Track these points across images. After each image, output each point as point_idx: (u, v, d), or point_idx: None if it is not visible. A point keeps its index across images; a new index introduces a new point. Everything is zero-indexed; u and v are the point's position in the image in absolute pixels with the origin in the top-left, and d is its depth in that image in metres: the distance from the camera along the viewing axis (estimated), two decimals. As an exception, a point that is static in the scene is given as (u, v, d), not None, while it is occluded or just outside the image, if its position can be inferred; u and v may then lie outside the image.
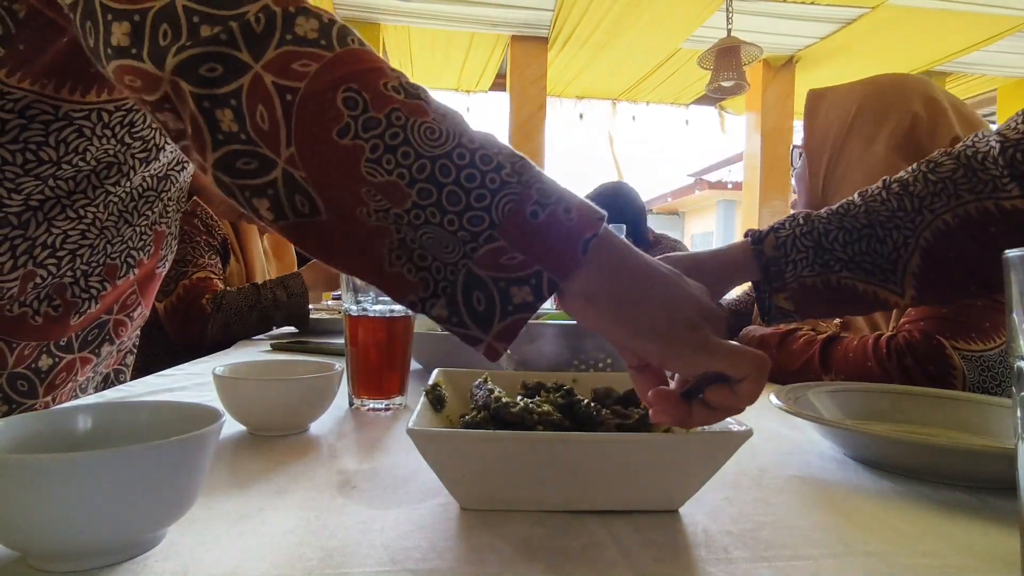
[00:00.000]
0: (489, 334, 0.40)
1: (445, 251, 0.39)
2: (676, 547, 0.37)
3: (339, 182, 0.39)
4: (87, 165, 0.66)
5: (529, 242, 0.39)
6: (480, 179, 0.40)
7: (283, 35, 0.39)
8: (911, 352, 0.80)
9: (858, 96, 1.02)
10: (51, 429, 0.38)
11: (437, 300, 0.40)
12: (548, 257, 0.40)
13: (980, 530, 0.40)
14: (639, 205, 2.39)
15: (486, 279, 0.39)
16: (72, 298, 0.71)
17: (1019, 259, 0.28)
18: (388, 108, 0.39)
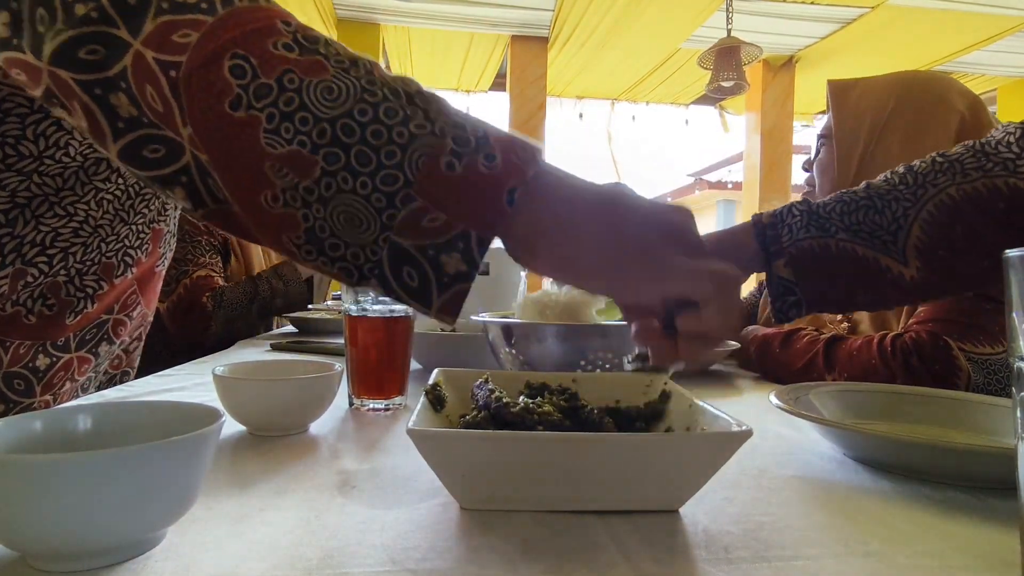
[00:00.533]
0: (432, 310, 0.38)
1: (360, 230, 0.36)
2: (676, 547, 0.37)
3: (243, 158, 0.36)
4: (73, 161, 0.64)
5: (449, 198, 0.36)
6: (387, 135, 0.36)
7: (159, 4, 0.36)
8: (917, 351, 0.80)
9: (894, 91, 1.02)
10: (51, 429, 0.38)
11: (367, 282, 0.38)
12: (470, 214, 0.36)
13: (980, 530, 0.40)
14: None
15: (412, 250, 0.36)
16: (67, 297, 0.70)
17: (1019, 259, 0.28)
18: (279, 71, 0.36)
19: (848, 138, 1.03)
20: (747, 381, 0.98)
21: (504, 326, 0.74)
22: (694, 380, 0.95)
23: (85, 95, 0.36)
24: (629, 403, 0.53)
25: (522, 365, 0.73)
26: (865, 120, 1.02)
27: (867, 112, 1.02)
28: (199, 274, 1.43)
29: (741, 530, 0.39)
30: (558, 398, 0.50)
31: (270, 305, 1.45)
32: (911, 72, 1.10)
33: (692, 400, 0.48)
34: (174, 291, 1.41)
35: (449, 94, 5.50)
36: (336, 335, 1.34)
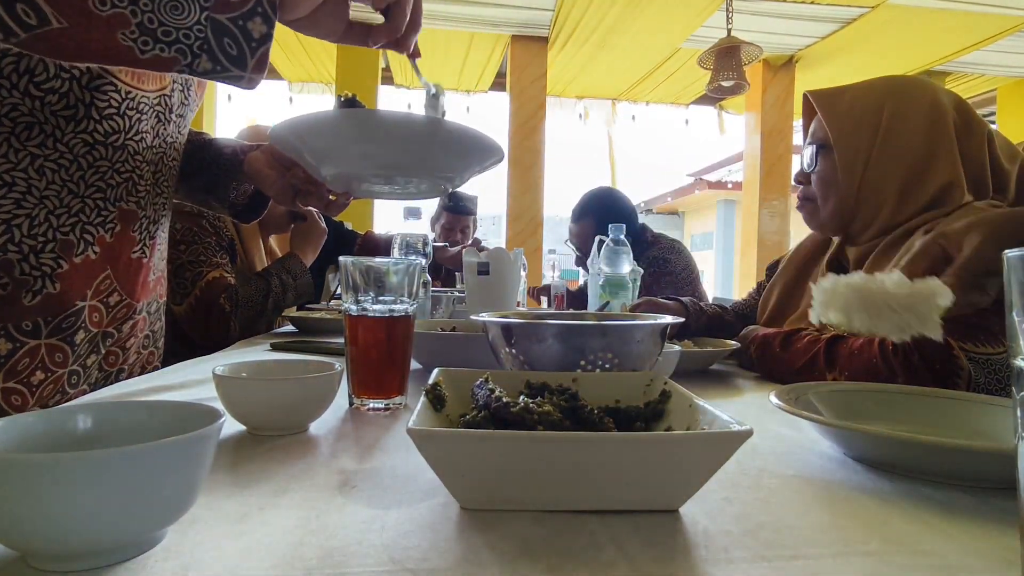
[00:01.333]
0: (247, 70, 0.51)
1: (182, 15, 0.47)
2: (676, 547, 0.37)
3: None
4: (1, 127, 0.65)
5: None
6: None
7: None
8: (918, 351, 0.80)
9: (888, 96, 1.02)
10: (51, 429, 0.38)
11: (199, 58, 0.49)
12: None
13: (980, 530, 0.40)
14: (629, 205, 2.50)
15: (226, 23, 0.48)
16: (21, 276, 0.68)
17: (1019, 259, 0.28)
18: None
19: (850, 146, 1.02)
20: (747, 381, 0.98)
21: (504, 326, 0.74)
22: (694, 380, 0.95)
23: None
24: (629, 403, 0.53)
25: (522, 365, 0.73)
26: (864, 127, 1.01)
27: (865, 119, 1.02)
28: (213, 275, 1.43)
29: (741, 530, 0.39)
30: (558, 398, 0.50)
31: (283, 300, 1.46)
32: (895, 77, 1.09)
33: (692, 400, 0.48)
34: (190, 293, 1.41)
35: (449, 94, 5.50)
36: (336, 335, 1.34)
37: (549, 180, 4.61)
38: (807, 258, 1.20)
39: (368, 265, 0.69)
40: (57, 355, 0.74)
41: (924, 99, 1.01)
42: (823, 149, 1.05)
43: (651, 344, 0.73)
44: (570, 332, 0.71)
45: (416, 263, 0.72)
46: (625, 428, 0.49)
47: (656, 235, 2.44)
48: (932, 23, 4.00)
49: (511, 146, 4.54)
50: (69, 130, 0.69)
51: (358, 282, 0.68)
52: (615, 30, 4.23)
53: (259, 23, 0.51)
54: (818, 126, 1.07)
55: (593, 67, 4.91)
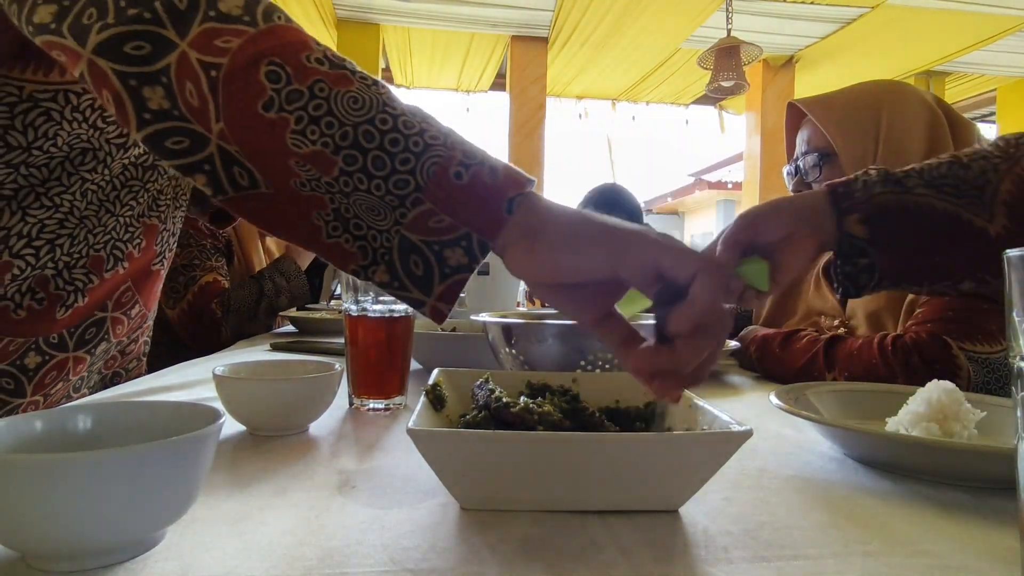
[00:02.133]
0: (431, 296, 0.41)
1: (377, 218, 0.40)
2: (676, 547, 0.37)
3: (269, 154, 0.40)
4: (59, 151, 0.65)
5: (455, 204, 0.40)
6: (404, 143, 0.40)
7: (206, 12, 0.40)
8: (918, 351, 0.80)
9: (882, 101, 1.02)
10: (51, 429, 0.38)
11: (378, 267, 0.41)
12: (474, 218, 0.40)
13: (980, 530, 0.40)
14: (635, 205, 2.42)
15: (419, 243, 0.40)
16: (56, 291, 0.69)
17: (1019, 259, 0.28)
18: (311, 80, 0.40)
19: (854, 153, 1.01)
20: (747, 381, 0.98)
21: (504, 326, 0.74)
22: (694, 380, 0.95)
23: (119, 84, 0.39)
24: (629, 403, 0.53)
25: (522, 365, 0.73)
26: (865, 133, 1.01)
27: (864, 124, 1.02)
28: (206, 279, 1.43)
29: (741, 530, 0.39)
30: (559, 399, 0.50)
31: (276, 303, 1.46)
32: (881, 81, 1.10)
33: (692, 400, 0.48)
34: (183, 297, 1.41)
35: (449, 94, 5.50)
36: (336, 335, 1.34)
37: (549, 180, 4.62)
38: None
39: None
40: (79, 366, 0.76)
41: (917, 102, 1.02)
42: (826, 157, 1.04)
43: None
44: (570, 332, 0.71)
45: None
46: (625, 428, 0.49)
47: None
48: (932, 23, 4.00)
49: (511, 146, 4.54)
50: (118, 156, 0.71)
51: (358, 282, 0.68)
52: (615, 30, 4.23)
53: (459, 254, 0.40)
54: (814, 134, 1.06)
55: (593, 67, 4.91)
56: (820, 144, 1.05)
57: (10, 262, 0.66)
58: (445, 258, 0.40)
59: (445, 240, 0.40)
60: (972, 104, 5.52)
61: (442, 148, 0.41)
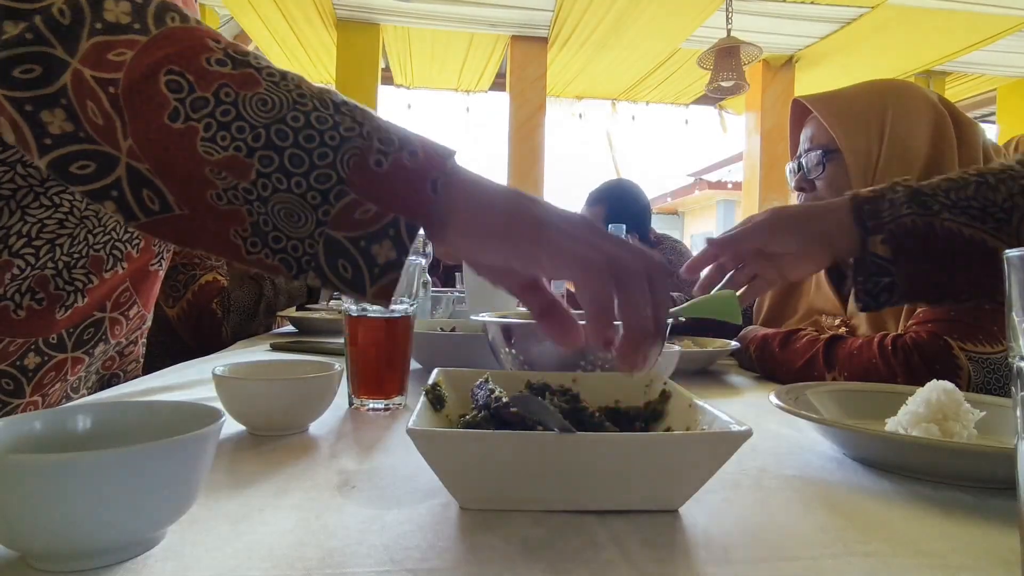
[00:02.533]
0: (366, 297, 0.41)
1: (298, 224, 0.40)
2: (676, 547, 0.37)
3: (181, 166, 0.39)
4: None
5: (379, 191, 0.40)
6: (319, 139, 0.40)
7: (93, 25, 0.39)
8: (918, 351, 0.80)
9: (886, 98, 1.02)
10: (51, 429, 0.38)
11: (306, 274, 0.41)
12: (400, 202, 0.40)
13: (980, 530, 0.40)
14: (644, 203, 2.33)
15: (344, 242, 0.40)
16: (56, 291, 0.69)
17: (1019, 259, 0.28)
18: (215, 85, 0.39)
19: (858, 150, 1.01)
20: (747, 381, 0.98)
21: (504, 326, 0.74)
22: (694, 380, 0.95)
23: (13, 110, 0.38)
24: (629, 403, 0.53)
25: (522, 365, 0.73)
26: (869, 130, 1.01)
27: (869, 122, 1.01)
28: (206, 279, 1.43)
29: (741, 530, 0.39)
30: (559, 399, 0.50)
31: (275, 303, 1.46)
32: (886, 80, 1.10)
33: (692, 400, 0.48)
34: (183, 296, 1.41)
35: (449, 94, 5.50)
36: (336, 335, 1.34)
37: (549, 180, 4.61)
38: None
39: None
40: (77, 366, 0.75)
41: (923, 101, 1.02)
42: (829, 154, 1.04)
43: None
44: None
45: (416, 263, 0.72)
46: (625, 429, 0.49)
47: (660, 236, 2.44)
48: (932, 23, 4.00)
49: (511, 146, 4.54)
50: None
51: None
52: (615, 30, 4.23)
53: (387, 247, 0.40)
54: (818, 131, 1.06)
55: (593, 67, 4.91)
56: (824, 141, 1.04)
57: (10, 261, 0.66)
58: (373, 256, 0.40)
59: (372, 232, 0.40)
60: (972, 104, 5.52)
61: (359, 139, 0.41)
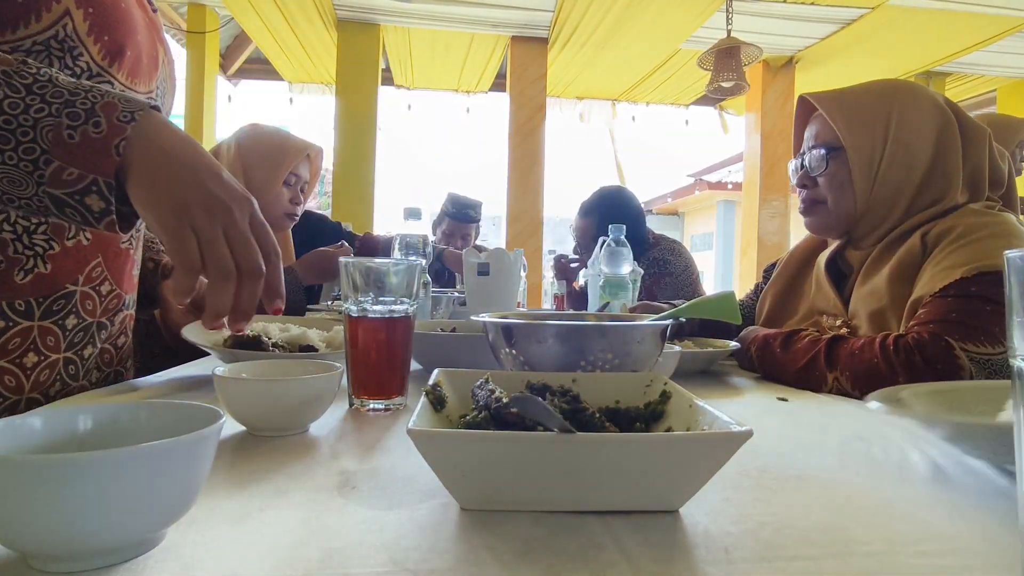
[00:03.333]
0: (101, 229, 0.53)
1: (22, 189, 0.52)
2: (676, 547, 0.37)
3: None
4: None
5: (75, 157, 0.51)
6: (15, 121, 0.50)
7: None
8: (919, 351, 0.80)
9: (893, 98, 1.02)
10: (51, 429, 0.38)
11: (48, 218, 0.57)
12: (93, 166, 0.51)
13: (980, 530, 0.40)
14: (637, 207, 2.46)
15: (64, 197, 0.51)
16: (15, 255, 0.71)
17: (1019, 259, 0.28)
18: None
19: (862, 148, 1.01)
20: (747, 381, 0.98)
21: (504, 326, 0.74)
22: (694, 380, 0.95)
23: None
24: (629, 404, 0.53)
25: (522, 365, 0.73)
26: (874, 128, 1.01)
27: (873, 120, 1.01)
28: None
29: (741, 530, 0.39)
30: (559, 399, 0.50)
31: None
32: (893, 80, 1.10)
33: (692, 400, 0.48)
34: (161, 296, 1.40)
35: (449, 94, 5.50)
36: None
37: (549, 181, 4.62)
38: (802, 262, 1.20)
39: (368, 266, 0.69)
40: (49, 338, 0.75)
41: (928, 102, 1.02)
42: (833, 151, 1.04)
43: (651, 345, 0.73)
44: (570, 333, 0.71)
45: (416, 263, 0.72)
46: (625, 429, 0.49)
47: (657, 236, 2.44)
48: (932, 23, 4.00)
49: (511, 147, 4.54)
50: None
51: (358, 283, 0.68)
52: (615, 31, 4.23)
53: (96, 199, 0.51)
54: (823, 128, 1.06)
55: (593, 68, 4.91)
56: (828, 138, 1.05)
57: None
58: (88, 205, 0.51)
59: (80, 188, 0.51)
60: (972, 105, 5.52)
61: (51, 118, 0.51)
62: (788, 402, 0.82)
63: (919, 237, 0.95)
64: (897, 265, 0.95)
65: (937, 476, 0.51)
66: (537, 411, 0.42)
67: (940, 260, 0.89)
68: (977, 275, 0.83)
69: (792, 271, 1.20)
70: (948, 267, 0.87)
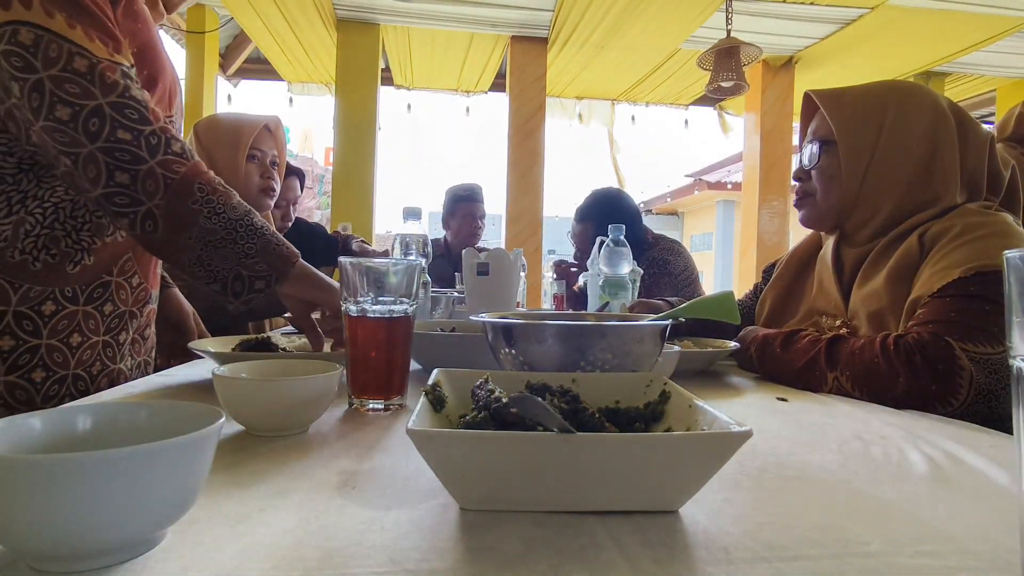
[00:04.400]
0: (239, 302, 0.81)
1: (226, 264, 0.80)
2: (676, 547, 0.37)
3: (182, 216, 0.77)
4: None
5: (272, 262, 0.82)
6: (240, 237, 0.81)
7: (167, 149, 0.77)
8: (920, 351, 0.80)
9: (891, 98, 1.03)
10: (51, 429, 0.38)
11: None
12: (277, 269, 0.83)
13: (980, 530, 0.40)
14: (634, 208, 2.49)
15: (245, 274, 0.81)
16: (66, 248, 0.85)
17: (1019, 259, 0.28)
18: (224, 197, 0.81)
19: (854, 142, 1.02)
20: (747, 381, 0.98)
21: (504, 326, 0.74)
22: (694, 380, 0.95)
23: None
24: (629, 404, 0.53)
25: (522, 366, 0.73)
26: (869, 124, 1.02)
27: (869, 116, 1.02)
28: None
29: (741, 530, 0.39)
30: (559, 400, 0.50)
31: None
32: (897, 80, 1.11)
33: (692, 400, 0.48)
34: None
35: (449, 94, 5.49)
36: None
37: (549, 180, 4.61)
38: (802, 263, 1.20)
39: (368, 266, 0.69)
40: (91, 322, 0.88)
41: (927, 102, 1.02)
42: (826, 145, 1.06)
43: (651, 345, 0.73)
44: (570, 333, 0.71)
45: (416, 263, 0.72)
46: (625, 429, 0.49)
47: (657, 236, 2.44)
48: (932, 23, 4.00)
49: (511, 147, 4.54)
50: None
51: (358, 283, 0.68)
52: (615, 31, 4.23)
53: (262, 284, 0.83)
54: (821, 123, 1.07)
55: (593, 68, 4.91)
56: (825, 133, 1.06)
57: (23, 218, 0.82)
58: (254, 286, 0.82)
59: (261, 276, 0.82)
60: (972, 104, 5.52)
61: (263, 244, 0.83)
62: (788, 402, 0.82)
63: (916, 237, 0.95)
64: (895, 266, 0.95)
65: (937, 476, 0.51)
66: (537, 411, 0.42)
67: (938, 260, 0.89)
68: (975, 275, 0.84)
69: (792, 272, 1.20)
70: (946, 267, 0.87)
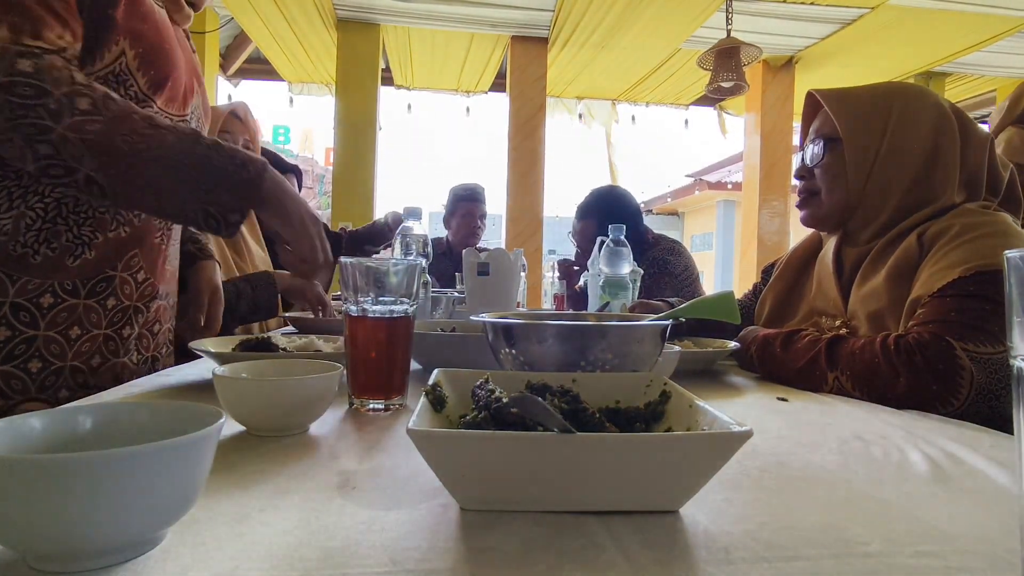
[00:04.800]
0: (221, 234, 0.79)
1: (185, 204, 0.77)
2: (676, 547, 0.37)
3: (117, 173, 0.75)
4: None
5: (235, 191, 0.79)
6: (191, 161, 0.78)
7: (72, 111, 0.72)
8: (920, 350, 0.80)
9: (895, 99, 1.03)
10: (51, 429, 0.38)
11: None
12: (246, 198, 0.79)
13: (980, 530, 0.40)
14: (635, 206, 2.47)
15: (214, 212, 0.77)
16: (67, 243, 0.85)
17: (1019, 259, 0.28)
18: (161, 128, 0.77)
19: (859, 141, 1.02)
20: (747, 381, 0.98)
21: (504, 326, 0.74)
22: (694, 380, 0.95)
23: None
24: (629, 404, 0.53)
25: (522, 365, 0.73)
26: (873, 124, 1.02)
27: (874, 116, 1.02)
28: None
29: (741, 530, 0.39)
30: (559, 400, 0.50)
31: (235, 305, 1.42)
32: (900, 82, 1.12)
33: (692, 400, 0.48)
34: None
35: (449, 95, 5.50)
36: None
37: (549, 180, 4.61)
38: (802, 263, 1.20)
39: (368, 266, 0.69)
40: (92, 315, 0.88)
41: (930, 103, 1.03)
42: (831, 143, 1.06)
43: (651, 345, 0.73)
44: (570, 333, 0.71)
45: (416, 263, 0.72)
46: (625, 429, 0.49)
47: (657, 236, 2.44)
48: (932, 24, 4.00)
49: (511, 147, 4.54)
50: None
51: (358, 282, 0.68)
52: (615, 31, 4.23)
53: (237, 217, 0.79)
54: (824, 121, 1.08)
55: (593, 68, 4.91)
56: (829, 131, 1.06)
57: (24, 212, 0.82)
58: (229, 220, 0.78)
59: (232, 209, 0.78)
60: (972, 104, 5.52)
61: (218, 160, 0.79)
62: (788, 402, 0.82)
63: (916, 237, 0.95)
64: (895, 265, 0.95)
65: (937, 476, 0.51)
66: (537, 411, 0.42)
67: (938, 260, 0.89)
68: (975, 274, 0.84)
69: (792, 272, 1.20)
70: (946, 267, 0.87)
